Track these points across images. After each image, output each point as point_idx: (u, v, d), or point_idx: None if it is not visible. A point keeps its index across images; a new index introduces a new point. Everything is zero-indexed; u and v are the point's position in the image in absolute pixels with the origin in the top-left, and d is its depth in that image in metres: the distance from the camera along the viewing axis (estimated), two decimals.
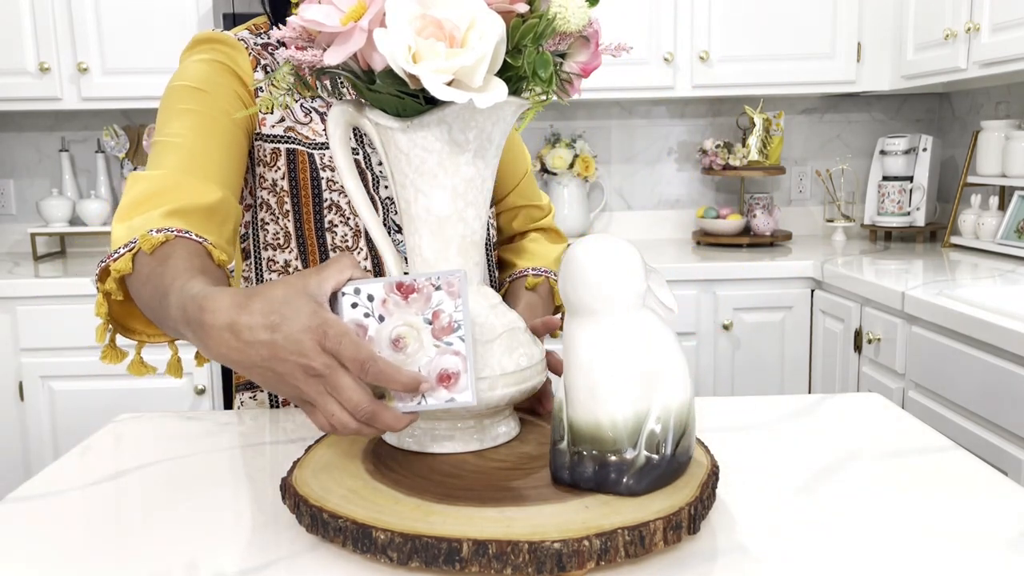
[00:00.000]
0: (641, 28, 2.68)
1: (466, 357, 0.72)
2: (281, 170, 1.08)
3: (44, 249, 2.97)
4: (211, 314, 0.71)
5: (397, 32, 0.70)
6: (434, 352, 0.72)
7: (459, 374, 0.72)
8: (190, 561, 0.71)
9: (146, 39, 2.61)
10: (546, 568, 0.64)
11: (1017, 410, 1.58)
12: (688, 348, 2.52)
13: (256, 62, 1.08)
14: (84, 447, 1.01)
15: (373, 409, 0.69)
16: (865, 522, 0.75)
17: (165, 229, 0.89)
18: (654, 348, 0.73)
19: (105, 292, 0.89)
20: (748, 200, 2.96)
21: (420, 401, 0.71)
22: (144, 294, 0.85)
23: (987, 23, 2.18)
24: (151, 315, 0.85)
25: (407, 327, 0.73)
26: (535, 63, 0.73)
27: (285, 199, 1.09)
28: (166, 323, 0.81)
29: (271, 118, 1.08)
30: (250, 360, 0.70)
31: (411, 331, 0.73)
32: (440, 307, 0.74)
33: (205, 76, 1.04)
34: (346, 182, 0.84)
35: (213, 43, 1.08)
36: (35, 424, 2.45)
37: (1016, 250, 2.40)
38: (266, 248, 1.12)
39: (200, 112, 1.02)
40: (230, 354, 0.71)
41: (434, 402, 0.72)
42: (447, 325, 0.73)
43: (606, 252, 0.72)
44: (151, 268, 0.85)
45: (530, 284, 1.20)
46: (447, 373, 0.72)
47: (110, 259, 0.89)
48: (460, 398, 0.71)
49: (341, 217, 1.09)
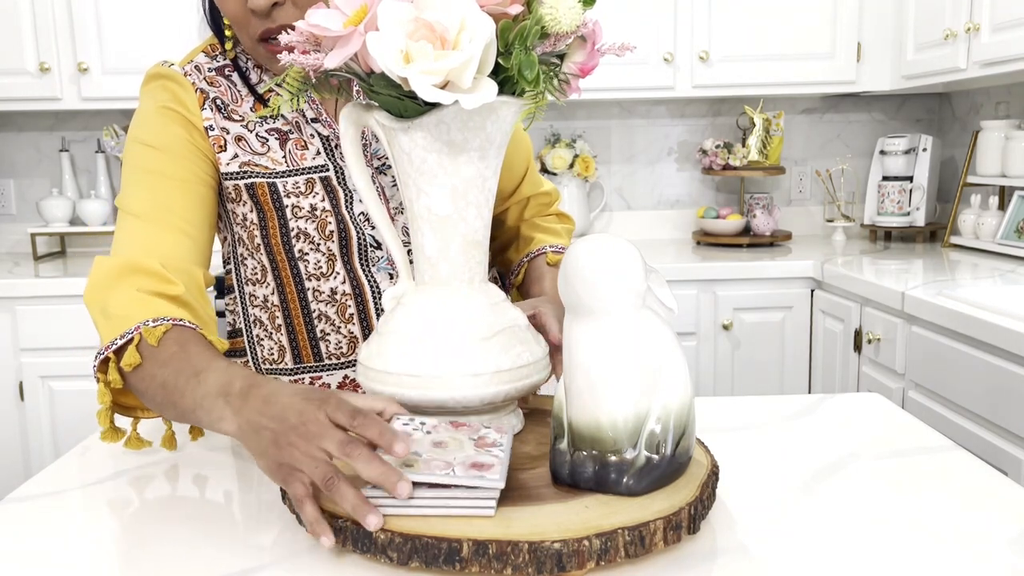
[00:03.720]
0: (641, 28, 2.68)
1: (503, 460, 0.73)
2: (248, 203, 1.06)
3: (44, 249, 2.97)
4: (259, 387, 0.79)
5: (388, 35, 0.71)
6: (473, 452, 0.74)
7: (493, 465, 0.72)
8: (190, 561, 0.71)
9: (146, 39, 2.61)
10: (546, 568, 0.64)
11: (1017, 410, 1.58)
12: (688, 348, 2.52)
13: (204, 98, 1.05)
14: (84, 447, 1.01)
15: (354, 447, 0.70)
16: (865, 522, 0.75)
17: (161, 319, 0.91)
18: (654, 348, 0.73)
19: (106, 382, 0.92)
20: (748, 200, 2.96)
21: (448, 472, 0.70)
22: (156, 377, 0.88)
23: (987, 23, 2.18)
24: (155, 394, 0.88)
25: (452, 439, 0.76)
26: (521, 64, 0.73)
27: (255, 232, 1.07)
28: (176, 403, 0.85)
29: (224, 156, 1.04)
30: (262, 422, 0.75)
31: (455, 441, 0.76)
32: (485, 435, 0.78)
33: (158, 130, 1.03)
34: (357, 181, 0.86)
35: (162, 80, 1.05)
36: (35, 424, 2.45)
37: (1016, 250, 2.40)
38: (247, 283, 1.11)
39: (159, 172, 1.01)
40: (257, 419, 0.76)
41: (462, 476, 0.70)
42: (490, 443, 0.76)
43: (606, 252, 0.72)
44: (172, 351, 0.88)
45: (551, 260, 1.18)
46: (481, 463, 0.72)
47: (108, 350, 0.91)
48: (489, 476, 0.70)
49: (311, 244, 1.06)
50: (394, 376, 0.81)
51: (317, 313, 1.07)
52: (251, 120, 1.05)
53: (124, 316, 0.92)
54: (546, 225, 1.28)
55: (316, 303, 1.07)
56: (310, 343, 1.08)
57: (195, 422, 0.85)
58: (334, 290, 1.07)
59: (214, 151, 1.04)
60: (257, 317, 1.11)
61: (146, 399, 0.91)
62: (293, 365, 1.09)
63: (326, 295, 1.07)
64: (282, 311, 1.08)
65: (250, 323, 1.12)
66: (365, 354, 0.85)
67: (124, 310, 0.92)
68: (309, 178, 1.05)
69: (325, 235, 1.05)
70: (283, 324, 1.09)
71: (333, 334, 1.08)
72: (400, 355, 0.81)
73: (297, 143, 1.05)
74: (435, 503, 0.69)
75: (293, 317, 1.08)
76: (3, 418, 2.46)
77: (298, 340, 1.09)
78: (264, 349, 1.11)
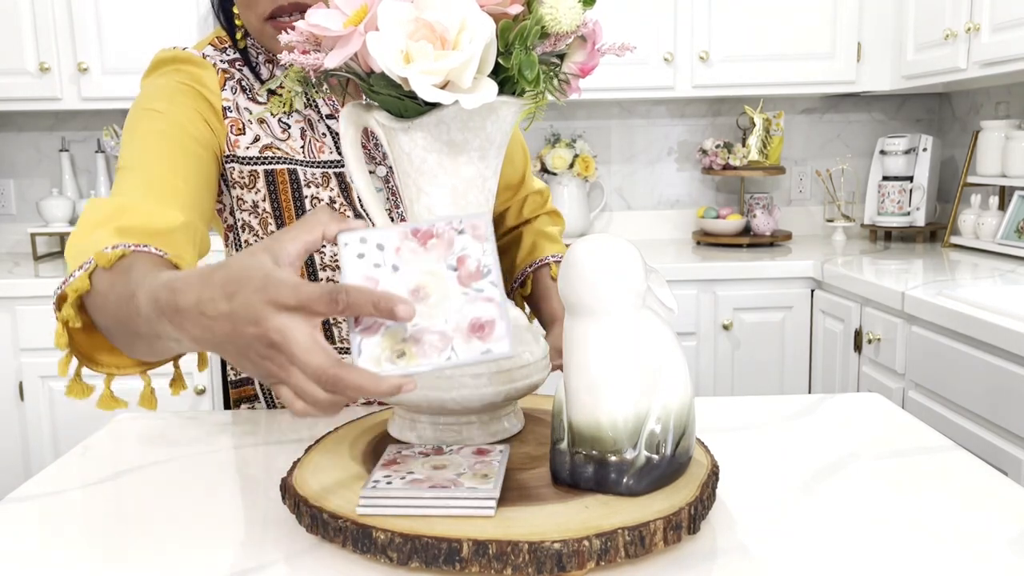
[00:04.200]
0: (641, 28, 2.68)
1: (500, 303, 0.64)
2: (261, 192, 1.04)
3: (44, 249, 2.97)
4: (183, 294, 0.65)
5: (388, 35, 0.71)
6: (462, 300, 0.64)
7: (494, 321, 0.63)
8: (190, 561, 0.71)
9: (146, 39, 2.61)
10: (546, 568, 0.64)
11: (1017, 410, 1.58)
12: (688, 348, 2.52)
13: (224, 80, 1.04)
14: (84, 447, 1.01)
15: (335, 372, 0.59)
16: (865, 522, 0.75)
17: (121, 244, 0.83)
18: (654, 348, 0.73)
19: (64, 320, 0.81)
20: (748, 200, 2.96)
21: (450, 355, 0.62)
22: (108, 308, 0.78)
23: (987, 23, 2.18)
24: (118, 331, 0.78)
25: (428, 275, 0.65)
26: (521, 64, 0.73)
27: (268, 220, 1.05)
28: (136, 332, 0.74)
29: (244, 139, 1.03)
30: (217, 338, 0.63)
31: (433, 279, 0.64)
32: (465, 252, 0.66)
33: (164, 96, 1.00)
34: (357, 181, 0.86)
35: (177, 63, 1.03)
36: (35, 424, 2.45)
37: (1016, 250, 2.40)
38: None
39: (159, 132, 0.97)
40: (203, 335, 0.64)
41: (467, 355, 0.62)
42: (475, 271, 0.65)
43: (606, 252, 0.72)
44: (112, 280, 0.78)
45: (555, 275, 1.20)
46: (479, 322, 0.63)
47: (65, 284, 0.81)
48: (497, 348, 0.62)
49: None
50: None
51: None
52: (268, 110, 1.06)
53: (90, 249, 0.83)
54: (547, 231, 1.28)
55: None
56: (324, 329, 1.09)
57: (167, 350, 0.75)
58: None
59: (228, 133, 1.03)
60: None
61: (113, 337, 0.80)
62: None
63: None
64: None
65: None
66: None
67: (95, 247, 0.83)
68: (325, 172, 1.05)
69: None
70: None
71: (345, 323, 1.08)
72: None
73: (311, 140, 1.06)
74: (435, 503, 0.69)
75: None
76: (3, 418, 2.46)
77: None
78: None
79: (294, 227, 0.66)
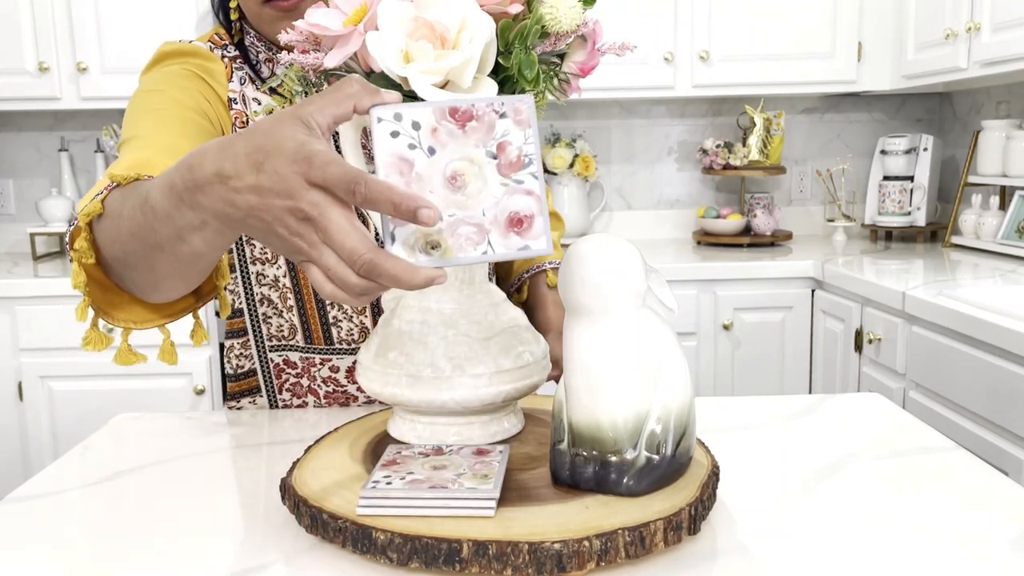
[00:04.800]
0: (641, 28, 2.68)
1: (540, 197, 0.61)
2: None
3: (43, 249, 2.97)
4: (200, 168, 0.61)
5: (388, 34, 0.71)
6: (501, 191, 0.60)
7: (533, 217, 0.60)
8: (190, 561, 0.71)
9: (146, 39, 2.61)
10: (546, 569, 0.64)
11: (1018, 410, 1.58)
12: (688, 348, 2.52)
13: (232, 71, 1.03)
14: (84, 447, 1.01)
15: (371, 258, 0.56)
16: (865, 522, 0.75)
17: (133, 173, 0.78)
18: (654, 348, 0.73)
19: (78, 257, 0.77)
20: (748, 200, 2.96)
21: (486, 250, 0.59)
22: (122, 227, 0.73)
23: (988, 23, 2.18)
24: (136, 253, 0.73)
25: (466, 162, 0.61)
26: (521, 64, 0.73)
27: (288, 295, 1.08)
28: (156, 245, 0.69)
29: None
30: (241, 211, 0.59)
31: (471, 166, 0.61)
32: (506, 138, 0.62)
33: (166, 80, 0.99)
34: None
35: (184, 56, 1.02)
36: (35, 424, 2.45)
37: (1017, 250, 2.40)
38: (254, 263, 1.09)
39: (161, 109, 0.95)
40: (227, 209, 0.60)
41: (504, 250, 0.59)
42: (516, 160, 0.61)
43: (606, 252, 0.72)
44: (123, 195, 0.74)
45: (552, 283, 1.20)
46: (518, 216, 0.60)
47: (76, 221, 0.78)
48: (535, 245, 0.59)
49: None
50: (394, 376, 0.81)
51: None
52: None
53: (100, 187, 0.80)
54: None
55: None
56: (322, 327, 1.09)
57: (192, 254, 0.69)
58: None
59: (232, 124, 1.03)
60: (265, 296, 1.11)
61: (132, 267, 0.75)
62: (304, 344, 1.11)
63: None
64: (294, 293, 1.09)
65: (255, 302, 1.12)
66: (364, 354, 0.85)
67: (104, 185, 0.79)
68: None
69: None
70: (295, 305, 1.09)
71: (345, 322, 1.09)
72: (400, 355, 0.81)
73: None
74: (435, 503, 0.69)
75: (305, 300, 1.09)
76: (3, 418, 2.46)
77: (309, 323, 1.10)
78: (272, 326, 1.12)
79: (321, 97, 0.61)
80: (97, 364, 2.41)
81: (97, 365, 2.41)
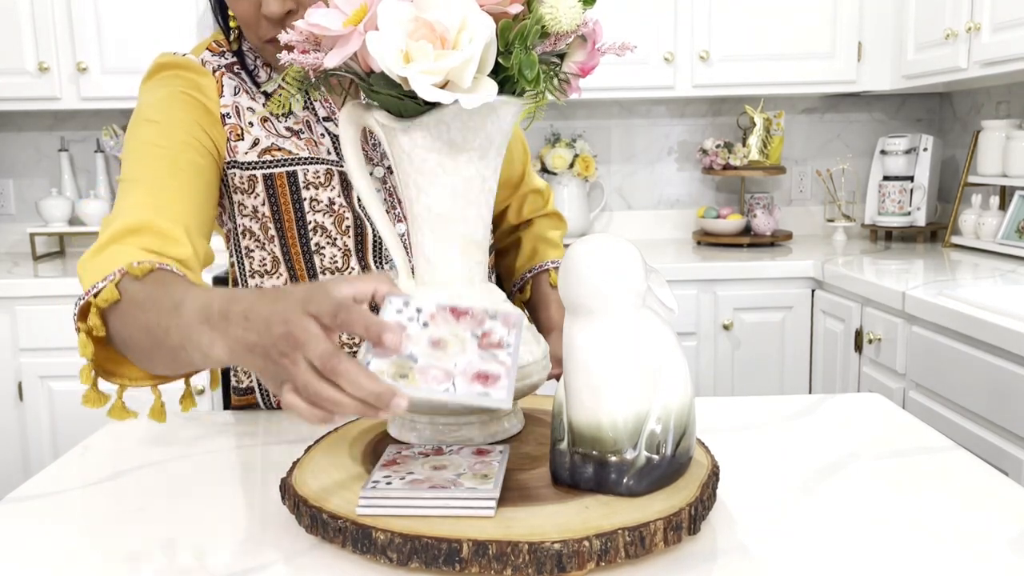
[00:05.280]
0: (641, 28, 2.68)
1: (510, 368, 0.67)
2: (260, 196, 1.05)
3: (43, 249, 2.97)
4: (238, 303, 0.70)
5: (388, 34, 0.71)
6: (476, 356, 0.67)
7: (499, 376, 0.66)
8: (190, 561, 0.71)
9: (146, 39, 2.61)
10: (546, 568, 0.64)
11: (1018, 410, 1.58)
12: (688, 348, 2.52)
13: (222, 87, 1.04)
14: (84, 447, 1.01)
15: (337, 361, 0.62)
16: (865, 522, 0.75)
17: (148, 260, 0.86)
18: (654, 348, 0.73)
19: (87, 330, 0.85)
20: (748, 200, 2.96)
21: (448, 388, 0.65)
22: (137, 318, 0.81)
23: (988, 23, 2.18)
24: (141, 341, 0.81)
25: (452, 335, 0.69)
26: (521, 64, 0.73)
27: (268, 225, 1.06)
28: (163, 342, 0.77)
29: (243, 145, 1.04)
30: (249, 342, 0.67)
31: (455, 339, 0.68)
32: (492, 329, 0.70)
33: (163, 107, 1.00)
34: (357, 182, 0.86)
35: (176, 69, 1.03)
36: (35, 424, 2.45)
37: (1017, 250, 2.40)
38: (252, 276, 1.10)
39: (160, 146, 0.98)
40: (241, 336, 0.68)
41: (465, 391, 0.65)
42: (496, 342, 0.69)
43: (606, 252, 0.72)
44: (148, 291, 0.82)
45: (554, 281, 1.20)
46: (485, 373, 0.66)
47: (88, 295, 0.85)
48: (496, 395, 0.65)
49: (328, 238, 1.06)
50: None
51: None
52: None
53: (110, 263, 0.86)
54: (548, 235, 1.29)
55: None
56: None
57: (188, 363, 0.78)
58: None
59: (227, 140, 1.04)
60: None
61: (132, 350, 0.84)
62: None
63: None
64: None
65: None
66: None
67: (113, 262, 0.87)
68: (328, 169, 1.05)
69: (341, 230, 1.06)
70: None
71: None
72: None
73: (308, 142, 1.06)
74: (435, 503, 0.69)
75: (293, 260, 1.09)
76: (3, 418, 2.46)
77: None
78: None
79: (354, 277, 0.72)
80: None
81: None
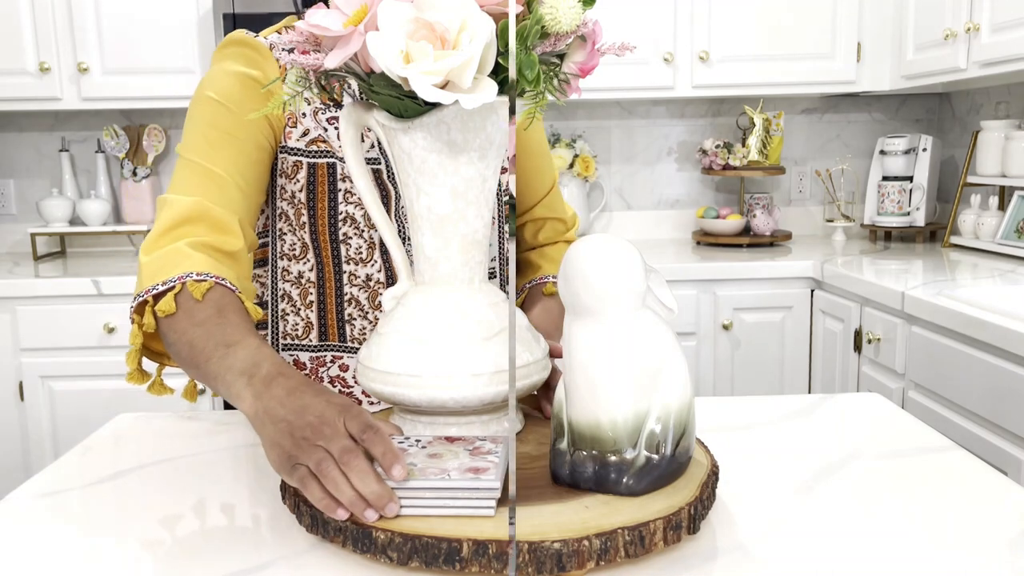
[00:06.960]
0: (641, 28, 2.68)
1: (499, 464, 0.72)
2: (300, 182, 1.08)
3: (44, 249, 2.97)
4: (285, 378, 0.79)
5: (388, 35, 0.71)
6: (468, 460, 0.74)
7: (489, 468, 0.72)
8: (190, 561, 0.71)
9: (146, 39, 2.61)
10: (546, 568, 0.64)
11: (1018, 410, 1.58)
12: (688, 348, 2.52)
13: (285, 71, 1.06)
14: (84, 447, 1.01)
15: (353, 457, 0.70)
16: (865, 522, 0.75)
17: (205, 275, 0.92)
18: (654, 348, 0.73)
19: (140, 323, 0.94)
20: (748, 200, 2.96)
21: (444, 477, 0.70)
22: (187, 333, 0.89)
23: (987, 23, 2.18)
24: (183, 350, 0.89)
25: (447, 451, 0.76)
26: (521, 64, 0.73)
27: (302, 211, 1.09)
28: (203, 365, 0.86)
29: (296, 131, 1.07)
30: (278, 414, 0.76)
31: (449, 452, 0.76)
32: (480, 445, 0.77)
33: (234, 92, 1.03)
34: (357, 181, 0.86)
35: (243, 46, 1.06)
36: (35, 424, 2.45)
37: (1016, 250, 2.40)
38: (282, 258, 1.13)
39: (227, 133, 1.02)
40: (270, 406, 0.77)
41: (459, 476, 0.70)
42: (486, 451, 0.76)
43: (606, 252, 0.72)
44: (204, 315, 0.90)
45: (548, 291, 1.21)
46: (477, 468, 0.72)
47: (148, 294, 0.92)
48: (487, 483, 0.69)
49: (356, 229, 1.09)
50: (394, 376, 0.81)
51: (349, 296, 1.11)
52: None
53: (171, 263, 0.93)
54: (554, 255, 1.28)
55: (350, 287, 1.11)
56: (337, 324, 1.12)
57: (213, 388, 0.86)
58: (369, 276, 1.10)
59: (284, 123, 1.07)
60: (287, 292, 1.13)
61: (172, 350, 0.92)
62: (318, 342, 1.13)
63: (361, 280, 1.10)
64: (316, 288, 1.12)
65: (277, 297, 1.15)
66: (365, 354, 0.85)
67: (172, 259, 0.94)
68: None
69: (369, 223, 1.09)
70: (315, 301, 1.12)
71: (359, 319, 1.11)
72: (400, 355, 0.82)
73: None
74: (435, 503, 0.69)
75: (327, 296, 1.11)
76: (3, 418, 2.46)
77: (327, 319, 1.12)
78: (288, 324, 1.14)
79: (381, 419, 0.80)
80: (97, 364, 2.42)
81: (97, 365, 2.42)
